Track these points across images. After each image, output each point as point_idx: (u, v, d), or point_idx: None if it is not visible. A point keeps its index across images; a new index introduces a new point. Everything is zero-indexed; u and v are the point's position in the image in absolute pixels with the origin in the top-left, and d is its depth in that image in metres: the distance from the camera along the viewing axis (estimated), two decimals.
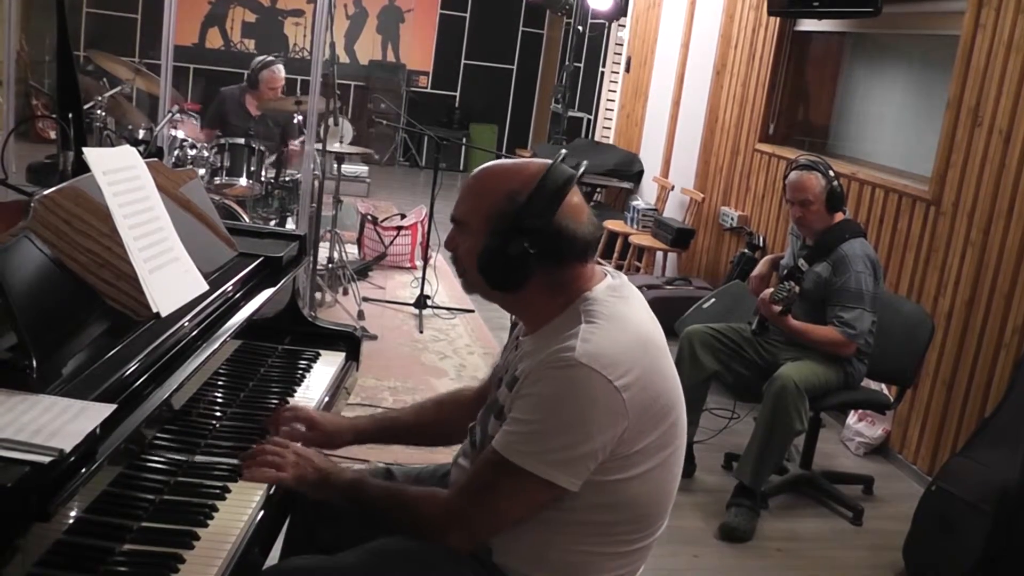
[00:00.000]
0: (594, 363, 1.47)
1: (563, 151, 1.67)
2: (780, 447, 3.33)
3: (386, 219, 6.52)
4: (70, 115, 2.22)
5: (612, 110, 8.67)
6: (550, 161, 1.58)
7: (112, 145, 3.77)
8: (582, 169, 1.63)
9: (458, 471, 1.78)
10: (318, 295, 5.04)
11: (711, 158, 6.29)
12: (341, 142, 5.23)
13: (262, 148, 5.10)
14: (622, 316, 1.56)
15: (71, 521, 1.31)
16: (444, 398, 2.01)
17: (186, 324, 1.77)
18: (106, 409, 1.37)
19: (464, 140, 10.79)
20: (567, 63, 9.33)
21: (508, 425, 1.53)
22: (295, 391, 2.15)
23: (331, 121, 4.79)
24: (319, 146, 4.78)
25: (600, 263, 1.69)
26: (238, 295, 2.06)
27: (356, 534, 1.68)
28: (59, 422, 1.30)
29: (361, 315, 5.06)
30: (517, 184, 1.56)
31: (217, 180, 4.94)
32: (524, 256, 1.53)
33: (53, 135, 6.92)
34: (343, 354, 2.42)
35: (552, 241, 1.54)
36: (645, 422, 1.52)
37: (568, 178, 1.56)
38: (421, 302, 5.29)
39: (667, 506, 1.66)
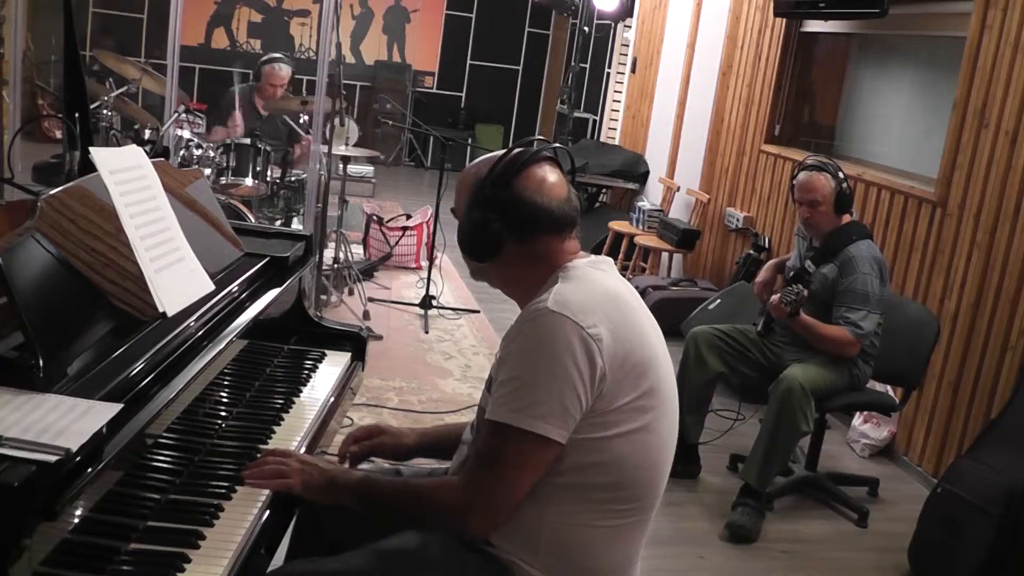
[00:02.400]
0: (565, 310, 1.54)
1: (536, 139, 1.76)
2: (785, 448, 3.32)
3: (391, 219, 6.53)
4: (76, 115, 2.22)
5: (618, 111, 8.66)
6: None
7: (118, 145, 3.78)
8: (547, 150, 1.71)
9: (458, 458, 1.79)
10: (324, 295, 5.05)
11: (717, 159, 6.28)
12: (347, 142, 5.23)
13: (268, 148, 5.11)
14: (594, 278, 1.65)
15: (77, 520, 1.31)
16: None
17: (192, 324, 1.77)
18: (112, 408, 1.37)
19: (469, 140, 10.79)
20: (573, 64, 9.31)
21: (496, 391, 1.57)
22: (301, 391, 2.15)
23: (337, 121, 4.79)
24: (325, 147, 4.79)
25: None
26: (244, 295, 2.06)
27: (362, 532, 1.68)
28: (65, 421, 1.31)
29: (366, 315, 5.06)
30: (484, 167, 1.69)
31: (223, 180, 4.95)
32: (486, 222, 1.63)
33: (59, 135, 6.94)
34: (348, 354, 2.43)
35: (514, 210, 1.63)
36: (623, 377, 1.56)
37: (522, 154, 1.66)
38: (426, 302, 5.29)
39: (656, 478, 1.65)
